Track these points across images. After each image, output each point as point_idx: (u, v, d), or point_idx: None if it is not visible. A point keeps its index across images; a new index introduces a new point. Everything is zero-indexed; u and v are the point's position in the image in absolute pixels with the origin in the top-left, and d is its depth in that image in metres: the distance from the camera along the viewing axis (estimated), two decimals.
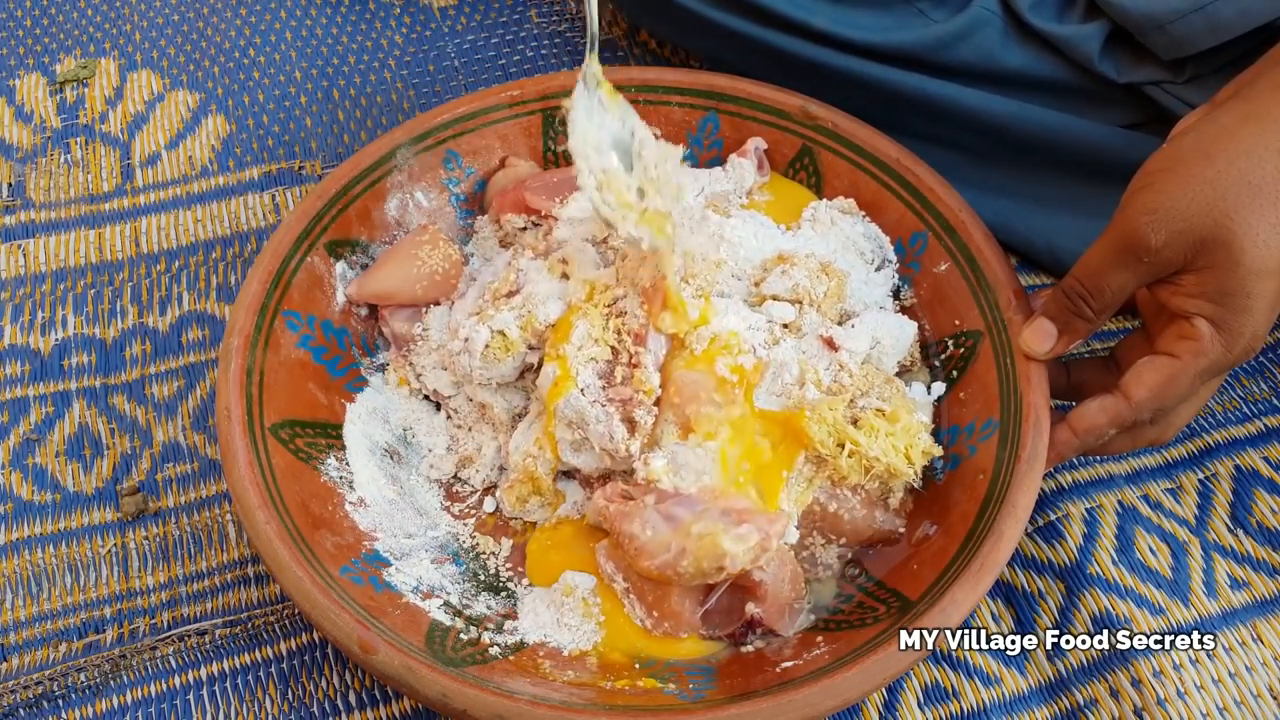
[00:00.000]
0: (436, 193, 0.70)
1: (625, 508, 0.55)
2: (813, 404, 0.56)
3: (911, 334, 0.61)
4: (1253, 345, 0.50)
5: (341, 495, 0.58)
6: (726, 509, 0.53)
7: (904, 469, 0.56)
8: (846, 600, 0.56)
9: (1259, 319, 0.49)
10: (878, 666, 0.48)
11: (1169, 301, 0.51)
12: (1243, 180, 0.48)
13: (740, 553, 0.51)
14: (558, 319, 0.60)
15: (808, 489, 0.56)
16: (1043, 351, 0.55)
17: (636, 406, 0.56)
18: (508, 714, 0.47)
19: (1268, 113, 0.49)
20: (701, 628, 0.55)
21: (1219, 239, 0.48)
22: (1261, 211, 0.48)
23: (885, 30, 0.72)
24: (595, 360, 0.58)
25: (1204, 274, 0.49)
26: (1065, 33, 0.69)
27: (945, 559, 0.53)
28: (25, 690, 0.57)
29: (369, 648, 0.48)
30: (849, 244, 0.66)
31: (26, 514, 0.65)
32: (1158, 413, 0.53)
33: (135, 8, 0.95)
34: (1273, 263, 0.48)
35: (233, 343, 0.59)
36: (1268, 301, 0.49)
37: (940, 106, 0.71)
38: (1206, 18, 0.63)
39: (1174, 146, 0.51)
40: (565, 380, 0.57)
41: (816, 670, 0.49)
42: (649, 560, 0.53)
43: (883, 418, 0.57)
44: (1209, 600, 0.59)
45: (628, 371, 0.57)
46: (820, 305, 0.61)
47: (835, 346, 0.58)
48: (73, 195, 0.81)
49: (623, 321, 0.59)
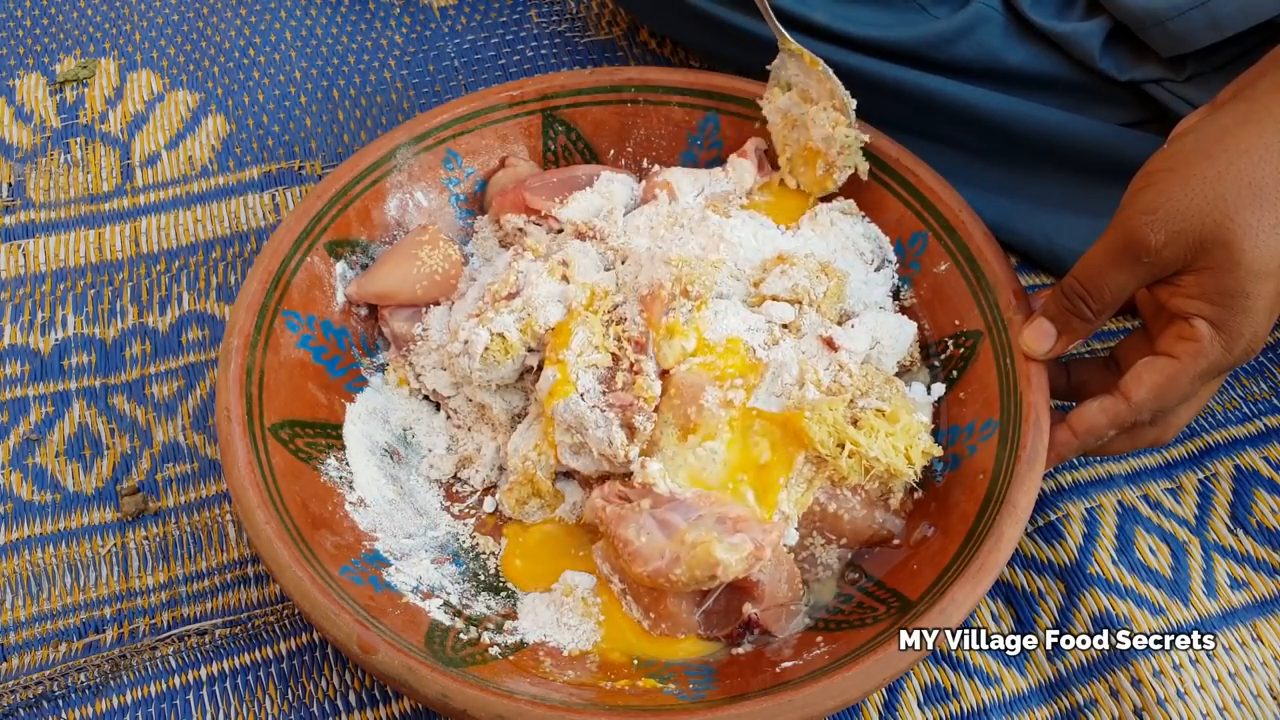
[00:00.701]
0: (436, 193, 0.70)
1: (621, 511, 0.55)
2: (812, 404, 0.56)
3: (911, 334, 0.61)
4: (1252, 346, 0.50)
5: (341, 495, 0.58)
6: (722, 516, 0.53)
7: (904, 469, 0.56)
8: (846, 600, 0.56)
9: (1258, 320, 0.49)
10: (877, 667, 0.48)
11: (1168, 302, 0.51)
12: (1243, 181, 0.48)
13: (733, 562, 0.51)
14: (558, 324, 0.60)
15: (808, 491, 0.56)
16: (1042, 351, 0.55)
17: (636, 412, 0.56)
18: (507, 714, 0.47)
19: (1269, 113, 0.49)
20: (700, 628, 0.55)
21: (1219, 240, 0.48)
22: (1262, 212, 0.48)
23: (886, 26, 0.72)
24: (595, 366, 0.58)
25: (1204, 275, 0.49)
26: (1066, 29, 0.69)
27: (945, 559, 0.53)
28: (25, 690, 0.57)
29: (369, 648, 0.48)
30: (848, 244, 0.66)
31: (26, 514, 0.65)
32: (1157, 413, 0.53)
33: (135, 8, 0.95)
34: (1273, 264, 0.48)
35: (233, 343, 0.59)
36: (1267, 303, 0.49)
37: (940, 103, 0.71)
38: (1207, 14, 0.63)
39: (1175, 147, 0.51)
40: (564, 385, 0.57)
41: (816, 670, 0.49)
42: (642, 566, 0.53)
43: (883, 418, 0.57)
44: (1209, 600, 0.59)
45: (629, 378, 0.57)
46: (820, 305, 0.60)
47: (835, 346, 0.58)
48: (73, 195, 0.81)
49: (623, 328, 0.59)
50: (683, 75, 0.71)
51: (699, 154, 0.72)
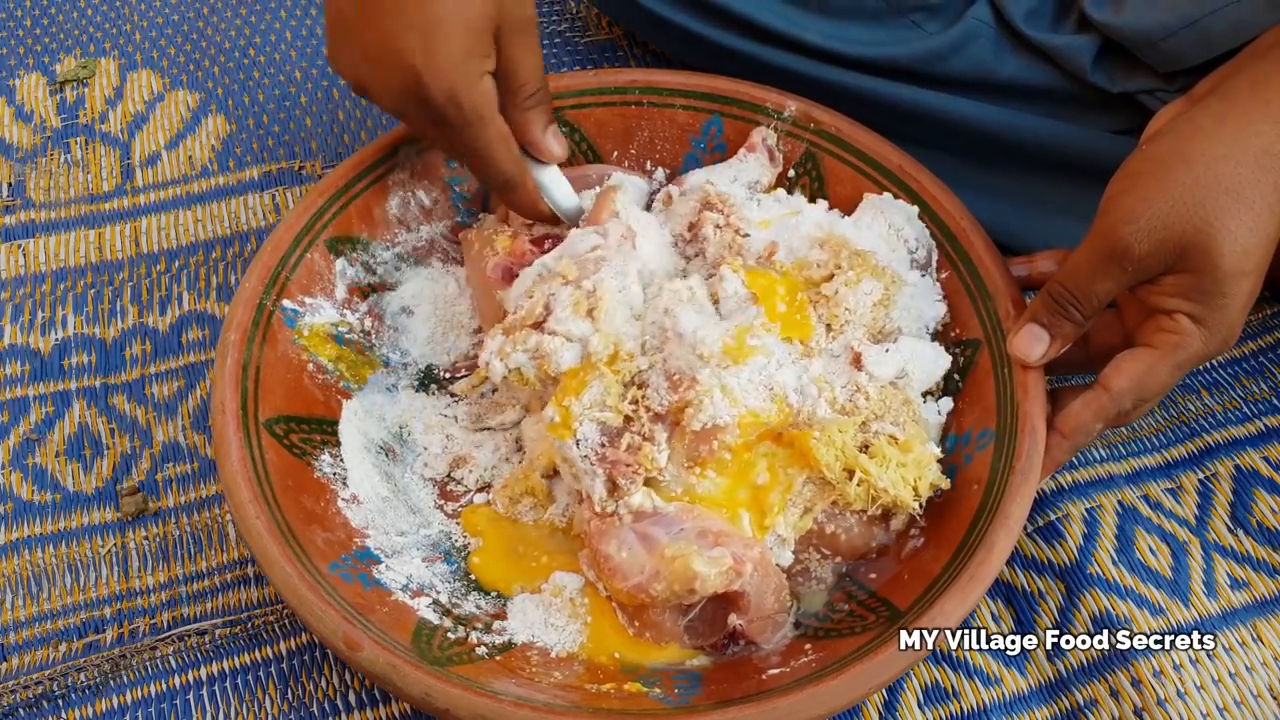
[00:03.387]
0: (439, 191, 0.70)
1: (603, 525, 0.54)
2: (822, 423, 0.54)
3: (944, 368, 0.59)
4: (1229, 338, 0.52)
5: (334, 492, 0.58)
6: (704, 530, 0.52)
7: (910, 503, 0.54)
8: (836, 609, 0.55)
9: (1235, 315, 0.51)
10: (863, 676, 0.47)
11: (1149, 300, 0.52)
12: (1220, 185, 0.49)
13: (711, 576, 0.50)
14: (571, 370, 0.57)
15: (806, 516, 0.55)
16: (1036, 357, 0.55)
17: (625, 474, 0.54)
18: (490, 714, 0.46)
19: (1245, 114, 0.50)
20: (684, 637, 0.54)
21: (1198, 245, 0.49)
22: (1239, 216, 0.49)
23: (879, 44, 0.72)
24: (602, 422, 0.55)
25: (1183, 276, 0.50)
26: (1058, 44, 0.69)
27: (936, 569, 0.52)
28: (25, 690, 0.57)
29: (354, 644, 0.48)
30: (896, 237, 0.63)
31: (26, 514, 0.65)
32: (1138, 401, 0.53)
33: (135, 8, 0.95)
34: (1249, 264, 0.49)
35: (229, 337, 0.58)
36: (1242, 301, 0.51)
37: (935, 117, 0.71)
38: (1198, 33, 0.63)
39: (1153, 147, 0.52)
40: (563, 429, 0.55)
41: (802, 678, 0.49)
42: (622, 582, 0.52)
43: (895, 445, 0.55)
44: (1209, 600, 0.59)
45: (637, 441, 0.55)
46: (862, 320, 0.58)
47: (860, 366, 0.56)
48: (73, 195, 0.81)
49: (644, 394, 0.56)
50: (687, 78, 0.71)
51: (702, 157, 0.72)
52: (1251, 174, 0.49)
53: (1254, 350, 0.70)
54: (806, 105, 0.68)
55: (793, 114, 0.69)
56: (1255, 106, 0.50)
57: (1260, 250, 0.49)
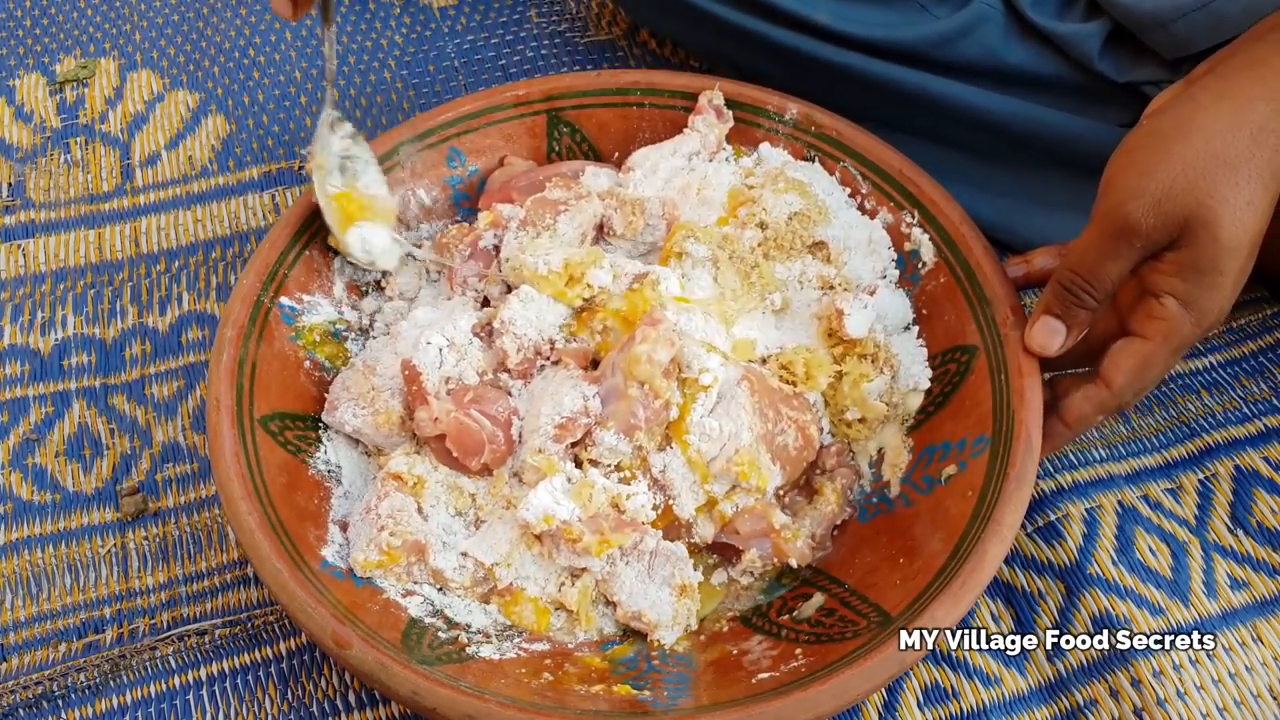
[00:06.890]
0: (439, 190, 0.70)
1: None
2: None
3: (905, 306, 0.63)
4: (1219, 319, 0.52)
5: (329, 489, 0.58)
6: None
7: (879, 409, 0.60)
8: (829, 614, 0.55)
9: (1225, 295, 0.51)
10: (853, 680, 0.47)
11: (1146, 277, 0.52)
12: (1219, 159, 0.49)
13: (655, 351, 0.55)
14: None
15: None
16: (1055, 348, 0.55)
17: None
18: (477, 714, 0.46)
19: (1241, 91, 0.50)
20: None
21: (1200, 217, 0.49)
22: (1237, 189, 0.49)
23: (887, 26, 0.72)
24: None
25: (1183, 252, 0.50)
26: (1065, 30, 0.69)
27: (929, 575, 0.52)
28: (25, 690, 0.57)
29: (343, 642, 0.48)
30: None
31: (26, 514, 0.65)
32: (1138, 392, 0.53)
33: (135, 8, 0.95)
34: (1245, 239, 0.49)
35: (226, 333, 0.58)
36: (1234, 279, 0.51)
37: (941, 104, 0.71)
38: (1210, 15, 0.63)
39: (1152, 123, 0.52)
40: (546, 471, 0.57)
41: (791, 682, 0.49)
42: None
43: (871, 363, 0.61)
44: (1209, 600, 0.59)
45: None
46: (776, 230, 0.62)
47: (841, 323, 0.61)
48: (73, 195, 0.81)
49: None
50: (687, 79, 0.71)
51: None
52: (1247, 149, 0.49)
53: (1254, 350, 0.69)
54: (808, 108, 0.68)
55: (794, 117, 0.69)
56: (1252, 84, 0.50)
57: (1255, 226, 0.49)
